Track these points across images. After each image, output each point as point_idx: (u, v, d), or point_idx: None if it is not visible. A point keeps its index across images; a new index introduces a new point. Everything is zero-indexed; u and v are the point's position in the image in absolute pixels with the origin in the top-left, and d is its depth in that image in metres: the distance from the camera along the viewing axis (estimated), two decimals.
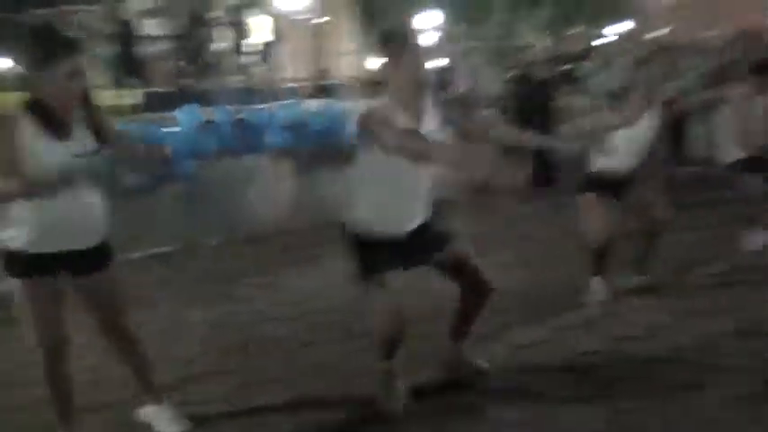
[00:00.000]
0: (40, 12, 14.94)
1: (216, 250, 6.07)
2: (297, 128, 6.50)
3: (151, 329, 4.03)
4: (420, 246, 2.97)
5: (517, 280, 4.60)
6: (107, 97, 11.24)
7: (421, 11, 23.52)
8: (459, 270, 3.04)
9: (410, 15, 25.25)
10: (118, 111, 10.67)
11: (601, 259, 4.26)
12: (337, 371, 3.55)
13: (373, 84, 13.36)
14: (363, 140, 2.83)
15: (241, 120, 6.36)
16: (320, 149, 6.73)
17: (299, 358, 3.76)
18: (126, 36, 9.71)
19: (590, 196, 4.25)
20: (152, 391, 2.98)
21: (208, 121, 6.13)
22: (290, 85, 13.80)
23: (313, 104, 7.08)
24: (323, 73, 16.77)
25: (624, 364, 3.42)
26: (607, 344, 3.65)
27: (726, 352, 3.45)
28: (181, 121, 5.93)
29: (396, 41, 2.87)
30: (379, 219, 2.89)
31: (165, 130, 6.00)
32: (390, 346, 2.97)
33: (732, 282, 4.58)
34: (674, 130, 7.71)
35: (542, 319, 3.96)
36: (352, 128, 2.84)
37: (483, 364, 3.33)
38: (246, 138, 6.30)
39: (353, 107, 7.00)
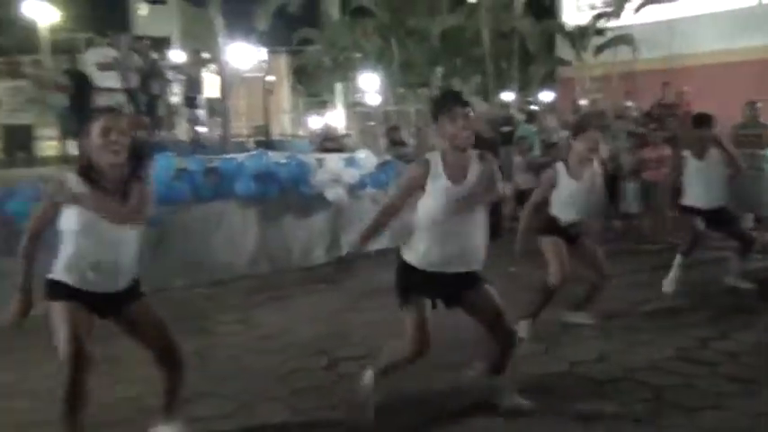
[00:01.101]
0: None
1: (185, 292, 6.26)
2: (264, 177, 6.83)
3: (131, 356, 4.23)
4: (451, 285, 3.32)
5: None
6: (56, 148, 11.24)
7: (353, 76, 24.41)
8: (483, 314, 3.37)
9: (340, 80, 26.15)
10: (68, 160, 10.67)
11: (546, 301, 4.66)
12: (329, 393, 3.85)
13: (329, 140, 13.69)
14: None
15: (213, 168, 6.64)
16: (285, 198, 7.10)
17: (290, 382, 4.03)
18: (81, 87, 9.84)
19: (548, 239, 4.66)
20: (171, 410, 3.18)
21: (181, 170, 6.38)
22: (235, 139, 14.09)
23: (278, 156, 7.45)
24: (264, 129, 17.21)
25: (581, 383, 3.90)
26: (565, 366, 4.14)
27: (668, 372, 3.98)
28: (156, 169, 6.17)
29: (447, 105, 3.25)
30: (422, 255, 3.26)
31: None
32: (398, 366, 3.33)
33: (667, 315, 5.17)
34: (610, 186, 8.35)
35: None
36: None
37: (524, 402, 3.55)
38: (216, 186, 6.58)
39: (313, 160, 7.48)
